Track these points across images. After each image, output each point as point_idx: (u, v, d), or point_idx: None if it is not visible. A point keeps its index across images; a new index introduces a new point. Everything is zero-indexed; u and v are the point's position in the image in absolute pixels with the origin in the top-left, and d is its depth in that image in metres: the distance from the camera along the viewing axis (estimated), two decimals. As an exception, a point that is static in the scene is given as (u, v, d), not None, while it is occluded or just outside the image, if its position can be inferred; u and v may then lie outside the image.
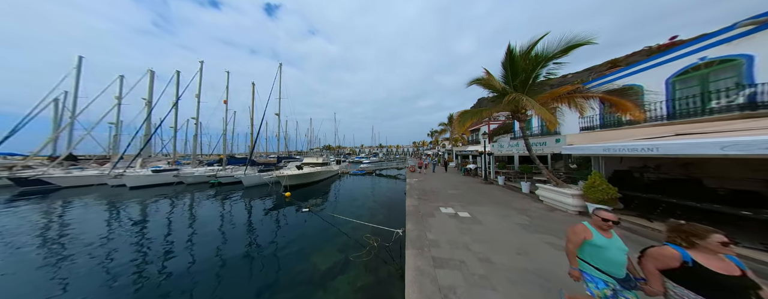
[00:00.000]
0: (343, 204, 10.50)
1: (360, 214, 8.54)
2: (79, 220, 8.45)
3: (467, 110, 6.66)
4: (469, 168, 13.21)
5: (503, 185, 9.42)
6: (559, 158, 9.28)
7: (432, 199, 7.21)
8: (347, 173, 23.40)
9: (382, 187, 15.64)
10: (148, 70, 23.42)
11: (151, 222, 8.12)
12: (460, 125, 6.11)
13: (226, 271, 4.61)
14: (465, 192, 8.38)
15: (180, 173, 16.57)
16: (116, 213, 9.44)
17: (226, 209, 10.09)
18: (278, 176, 13.25)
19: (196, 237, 6.63)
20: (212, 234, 6.75)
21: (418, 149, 76.80)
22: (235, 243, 6.09)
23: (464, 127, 6.15)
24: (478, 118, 6.27)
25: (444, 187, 9.77)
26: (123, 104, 22.54)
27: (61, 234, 7.00)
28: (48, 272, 4.66)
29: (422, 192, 8.55)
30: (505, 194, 7.80)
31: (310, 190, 14.19)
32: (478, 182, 10.68)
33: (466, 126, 6.15)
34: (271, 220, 8.26)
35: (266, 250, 5.64)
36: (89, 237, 6.60)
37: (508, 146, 9.84)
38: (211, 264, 4.88)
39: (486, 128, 20.91)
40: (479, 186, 9.78)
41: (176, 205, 10.95)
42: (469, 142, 22.73)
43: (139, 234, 6.87)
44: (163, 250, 5.68)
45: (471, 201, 6.69)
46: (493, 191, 8.45)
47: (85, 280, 4.33)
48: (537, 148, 7.83)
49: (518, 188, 8.16)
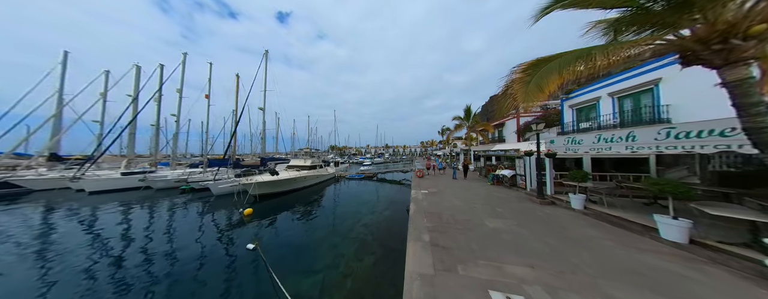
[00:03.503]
0: (318, 231, 7.24)
1: (335, 258, 5.31)
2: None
3: (545, 57, 2.96)
4: (501, 175, 9.42)
5: (584, 212, 5.14)
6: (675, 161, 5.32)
7: (461, 246, 3.65)
8: (344, 177, 20.25)
9: (382, 199, 12.24)
10: (134, 65, 21.77)
11: (69, 238, 6.58)
12: (537, 90, 2.52)
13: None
14: (521, 227, 4.46)
15: (148, 177, 14.22)
16: (46, 225, 7.90)
17: (160, 230, 7.28)
18: (244, 184, 10.27)
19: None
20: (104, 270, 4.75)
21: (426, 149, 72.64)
22: None
23: (545, 92, 2.59)
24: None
25: (473, 209, 6.06)
26: (118, 102, 21.03)
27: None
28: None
29: (437, 221, 5.02)
30: (617, 238, 3.81)
31: (288, 201, 11.14)
32: (526, 200, 6.84)
33: (547, 91, 2.60)
34: (193, 260, 5.13)
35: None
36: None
37: (581, 144, 5.62)
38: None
39: (514, 122, 16.82)
40: (535, 210, 5.67)
41: (117, 217, 8.86)
42: (492, 140, 18.68)
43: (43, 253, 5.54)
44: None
45: (558, 262, 3.09)
46: (580, 227, 4.37)
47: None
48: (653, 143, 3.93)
49: (629, 223, 4.10)
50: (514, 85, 2.99)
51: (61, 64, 20.92)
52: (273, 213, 9.05)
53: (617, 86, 7.84)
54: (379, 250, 5.99)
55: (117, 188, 13.91)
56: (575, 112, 10.31)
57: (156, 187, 14.40)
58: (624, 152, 4.20)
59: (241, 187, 10.32)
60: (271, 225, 7.84)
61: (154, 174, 15.15)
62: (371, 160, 43.67)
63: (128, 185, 14.13)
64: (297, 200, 11.47)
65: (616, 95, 7.92)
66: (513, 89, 3.00)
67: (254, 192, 10.51)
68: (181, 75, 19.14)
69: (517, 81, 2.95)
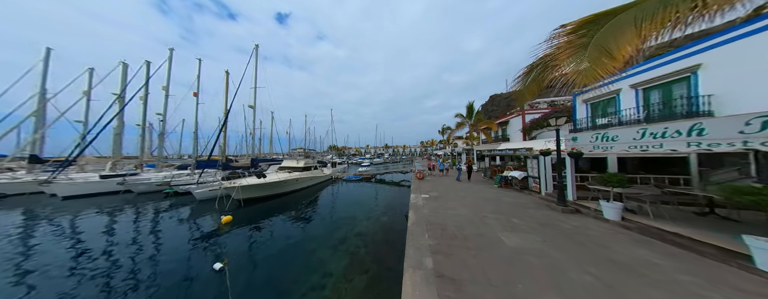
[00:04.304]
0: (305, 242, 6.31)
1: (322, 278, 4.41)
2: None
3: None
4: (510, 177, 8.50)
5: (622, 224, 4.16)
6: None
7: (475, 277, 2.70)
8: (341, 178, 19.31)
9: (380, 202, 11.32)
10: (120, 62, 20.76)
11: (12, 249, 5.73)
12: (604, 56, 1.62)
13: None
14: (548, 245, 3.50)
15: (128, 180, 13.24)
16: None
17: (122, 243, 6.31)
18: (227, 187, 9.31)
19: None
20: None
21: (426, 149, 71.77)
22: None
23: (618, 59, 1.68)
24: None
25: (483, 218, 5.09)
26: (103, 100, 19.97)
27: None
28: None
29: (441, 236, 4.09)
30: (688, 265, 2.78)
31: (276, 206, 10.20)
32: (543, 207, 5.89)
33: (620, 57, 1.69)
34: (144, 286, 4.15)
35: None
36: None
37: (606, 141, 4.65)
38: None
39: (519, 120, 15.92)
40: (560, 221, 4.65)
41: (81, 226, 7.98)
42: (495, 139, 17.77)
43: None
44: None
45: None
46: (626, 246, 3.40)
47: None
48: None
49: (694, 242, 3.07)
50: (560, 53, 2.02)
51: (43, 61, 19.94)
52: (257, 221, 8.11)
53: (642, 77, 6.95)
54: (374, 267, 5.08)
55: (93, 192, 12.91)
56: (589, 107, 9.41)
57: (137, 191, 13.42)
58: (685, 150, 3.27)
59: (223, 191, 9.37)
60: (252, 234, 6.90)
61: (135, 177, 14.15)
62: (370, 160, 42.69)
63: (106, 190, 13.15)
64: (287, 205, 10.53)
65: (641, 86, 7.02)
66: (557, 60, 2.05)
67: (238, 197, 9.57)
68: (168, 72, 18.17)
69: (566, 46, 1.98)
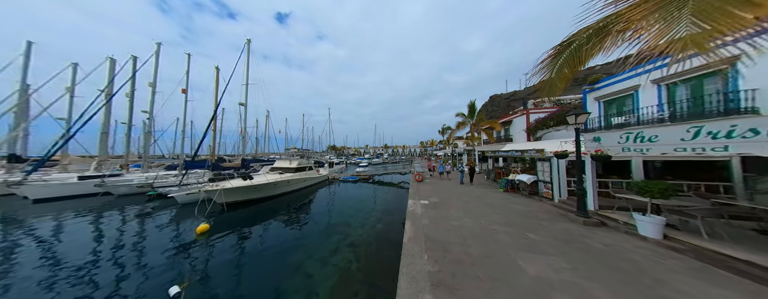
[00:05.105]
0: (292, 254, 5.54)
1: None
2: None
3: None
4: (517, 181, 7.77)
5: (666, 244, 3.38)
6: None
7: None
8: (338, 179, 18.55)
9: (377, 206, 10.58)
10: (107, 58, 19.85)
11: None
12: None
13: None
14: (580, 275, 2.71)
15: (107, 181, 12.39)
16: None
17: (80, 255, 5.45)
18: (208, 191, 8.52)
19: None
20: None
21: (425, 150, 71.13)
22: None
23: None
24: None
25: (493, 234, 4.32)
26: (88, 97, 19.03)
27: None
28: None
29: (444, 259, 3.34)
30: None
31: (264, 210, 9.42)
32: (561, 218, 5.12)
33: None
34: None
35: None
36: None
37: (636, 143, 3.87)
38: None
39: (523, 120, 15.24)
40: (585, 237, 3.87)
41: (43, 233, 7.24)
42: (498, 139, 17.08)
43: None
44: None
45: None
46: (686, 279, 2.53)
47: None
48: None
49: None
50: (631, 10, 1.22)
51: (24, 55, 19.00)
52: (238, 228, 7.33)
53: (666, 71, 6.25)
54: (364, 289, 4.34)
55: (68, 194, 12.06)
56: (602, 105, 8.71)
57: (117, 193, 12.57)
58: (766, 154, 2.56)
59: (204, 195, 8.57)
60: (228, 246, 6.11)
61: (116, 178, 13.29)
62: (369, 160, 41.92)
63: (83, 192, 12.29)
64: (275, 210, 9.75)
65: (665, 81, 6.33)
66: (627, 22, 1.30)
67: (221, 200, 8.78)
68: (155, 68, 17.28)
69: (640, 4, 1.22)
